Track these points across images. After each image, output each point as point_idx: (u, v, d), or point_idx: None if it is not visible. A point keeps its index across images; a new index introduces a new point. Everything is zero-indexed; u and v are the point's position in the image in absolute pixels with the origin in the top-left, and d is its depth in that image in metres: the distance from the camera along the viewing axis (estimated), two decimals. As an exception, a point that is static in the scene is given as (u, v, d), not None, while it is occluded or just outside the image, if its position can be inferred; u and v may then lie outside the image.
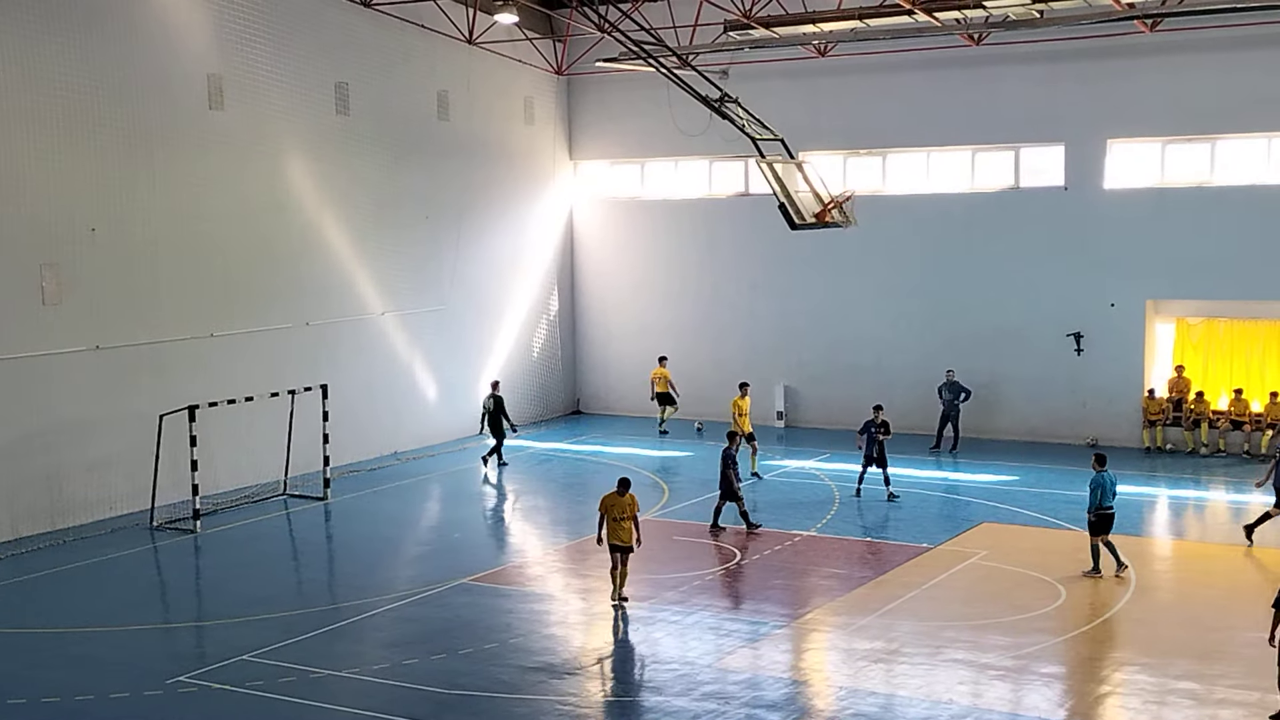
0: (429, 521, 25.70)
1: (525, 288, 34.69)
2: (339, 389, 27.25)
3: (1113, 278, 29.96)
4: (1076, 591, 19.62)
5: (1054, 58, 29.93)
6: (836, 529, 23.47)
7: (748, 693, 15.83)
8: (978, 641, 17.41)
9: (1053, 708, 15.53)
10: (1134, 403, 30.03)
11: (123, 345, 24.78)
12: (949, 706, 15.32)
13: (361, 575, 21.24)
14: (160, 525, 23.98)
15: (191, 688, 16.16)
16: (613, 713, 15.52)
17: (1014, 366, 30.90)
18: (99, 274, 24.39)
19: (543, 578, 21.26)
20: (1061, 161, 30.40)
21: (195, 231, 26.13)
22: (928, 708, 15.30)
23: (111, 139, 24.45)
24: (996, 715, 15.12)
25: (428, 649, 17.39)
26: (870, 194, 31.22)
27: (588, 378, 36.42)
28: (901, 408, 32.19)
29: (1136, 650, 17.43)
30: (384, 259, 30.34)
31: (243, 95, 26.80)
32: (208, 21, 26.17)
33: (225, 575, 21.61)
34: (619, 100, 34.85)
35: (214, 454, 25.10)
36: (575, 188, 36.15)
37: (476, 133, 32.74)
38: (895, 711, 15.25)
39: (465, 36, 31.68)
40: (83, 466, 24.13)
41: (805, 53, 31.84)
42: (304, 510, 25.57)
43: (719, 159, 33.78)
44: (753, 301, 33.99)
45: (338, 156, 29.12)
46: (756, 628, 18.28)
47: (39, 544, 22.88)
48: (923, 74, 31.27)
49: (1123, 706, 15.53)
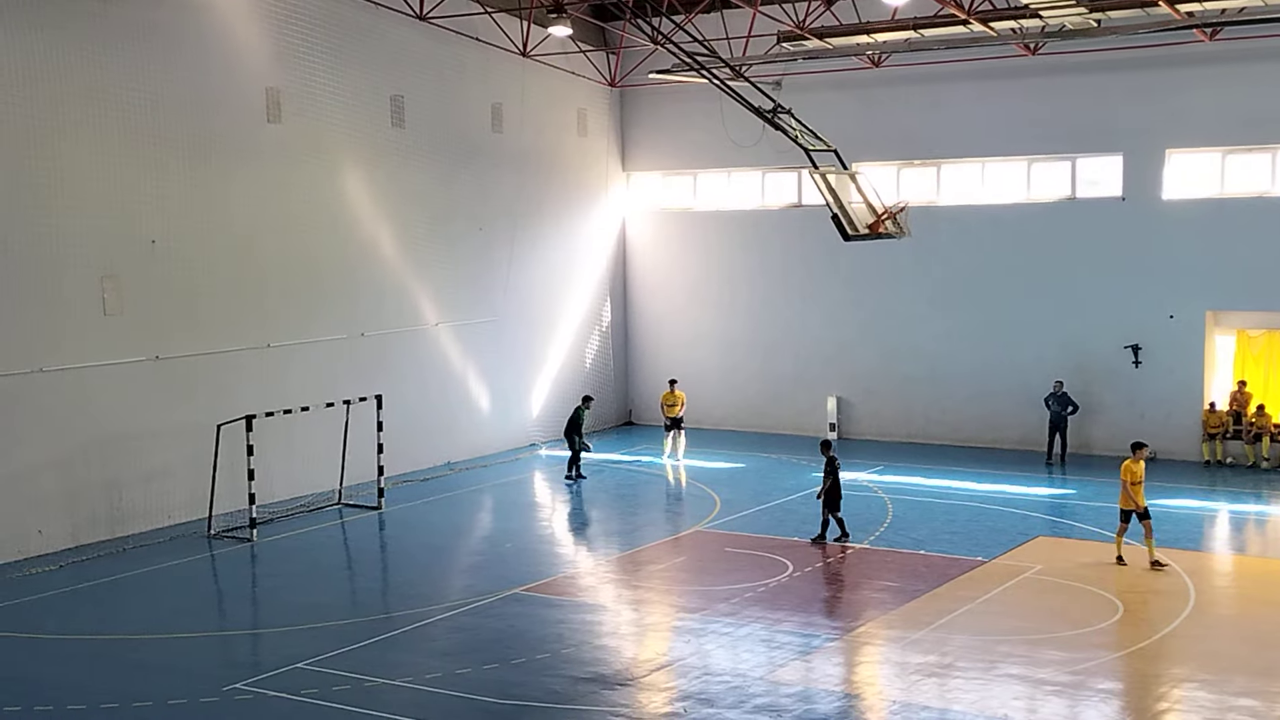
0: (482, 531, 25.80)
1: (578, 299, 34.81)
2: (393, 399, 27.44)
3: (1172, 289, 29.61)
4: (1134, 607, 19.38)
5: (1111, 67, 29.66)
6: (890, 541, 23.32)
7: (800, 706, 15.76)
8: (1033, 657, 17.23)
9: (1110, 724, 15.34)
10: (1194, 416, 29.63)
11: (182, 356, 25.09)
12: (1004, 722, 15.17)
13: (415, 585, 21.35)
14: (217, 534, 24.24)
15: (247, 695, 16.30)
16: (664, 724, 15.50)
17: (1071, 379, 30.56)
18: (159, 285, 24.72)
19: (595, 588, 21.28)
20: (1119, 172, 30.10)
21: (253, 243, 26.42)
22: (982, 723, 15.16)
23: (171, 152, 24.78)
24: (1052, 731, 14.96)
25: (480, 659, 17.45)
26: (924, 205, 31.08)
27: (640, 389, 36.45)
28: (955, 421, 32.08)
29: (1195, 666, 17.17)
30: (438, 270, 30.55)
31: (300, 108, 27.10)
32: (266, 36, 26.49)
33: (281, 584, 21.80)
34: (672, 112, 34.91)
35: (270, 464, 25.36)
36: (628, 199, 36.24)
37: (530, 145, 32.91)
38: (949, 726, 15.12)
39: (519, 49, 31.86)
40: (142, 475, 24.44)
41: (859, 63, 31.76)
42: (358, 520, 25.76)
43: (772, 170, 33.74)
44: (805, 313, 33.90)
45: (393, 169, 29.37)
46: (809, 640, 18.20)
47: (98, 552, 23.19)
48: (977, 84, 31.09)
49: (1181, 724, 15.32)
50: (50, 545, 23.03)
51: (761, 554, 22.65)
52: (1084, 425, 30.54)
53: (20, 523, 22.70)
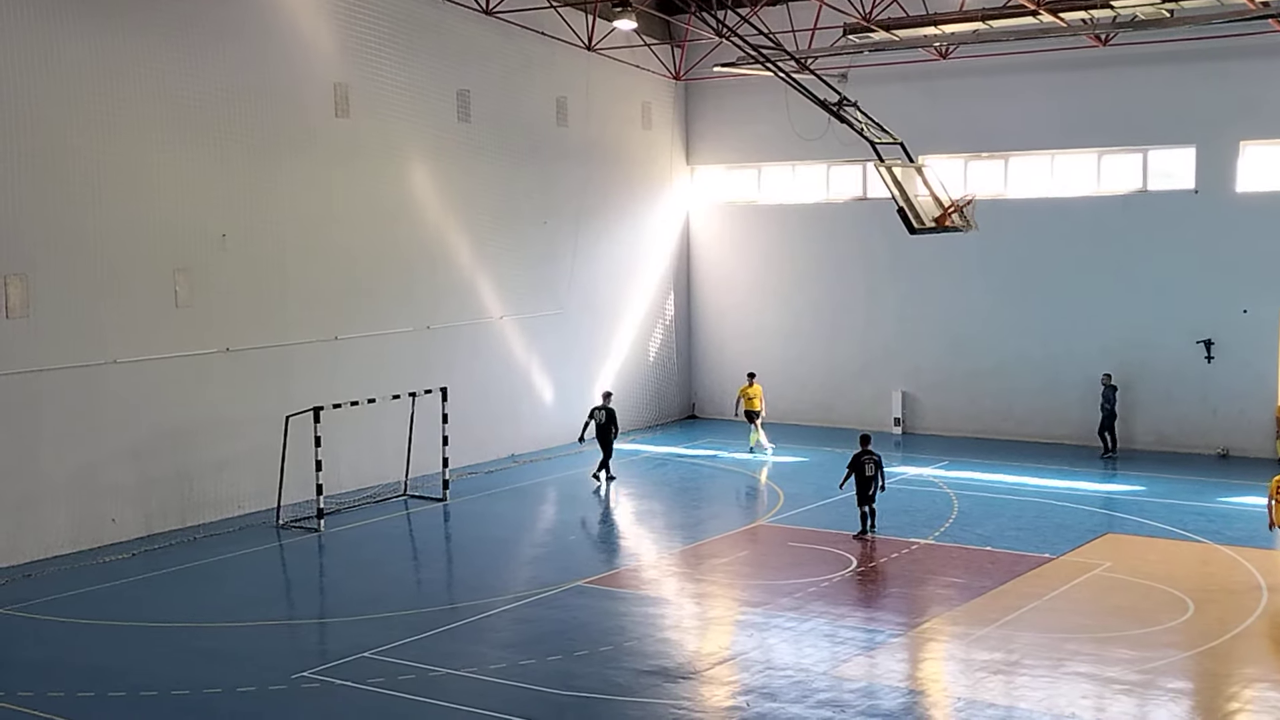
0: (545, 524, 25.92)
1: (642, 292, 34.83)
2: (458, 392, 27.62)
3: (1245, 283, 29.11)
4: (1205, 606, 19.08)
5: (1184, 58, 29.19)
6: (955, 537, 23.15)
7: (864, 701, 15.69)
8: (1101, 655, 17.03)
9: (1179, 724, 15.14)
10: (1268, 411, 29.10)
11: (251, 348, 25.41)
12: (1071, 720, 15.02)
13: (479, 576, 21.50)
14: (285, 524, 24.54)
15: (315, 683, 16.50)
16: (727, 718, 15.49)
17: (1142, 374, 30.18)
18: (229, 278, 25.05)
19: (657, 581, 21.31)
20: (1192, 164, 29.63)
21: (320, 237, 26.71)
22: (1049, 721, 15.02)
23: (241, 147, 25.09)
24: (1120, 731, 14.78)
25: (544, 650, 17.54)
26: (991, 198, 30.76)
27: (703, 381, 36.42)
28: (1022, 415, 31.75)
29: (1268, 667, 16.90)
30: (503, 263, 30.70)
31: (367, 103, 27.33)
32: (334, 31, 26.75)
33: (347, 573, 22.04)
34: (736, 105, 34.81)
35: (338, 455, 25.64)
36: (692, 192, 36.20)
37: (595, 138, 32.97)
38: (1015, 724, 14.99)
39: (584, 43, 31.92)
40: (212, 465, 24.80)
41: (926, 55, 31.48)
42: (423, 511, 25.97)
43: (836, 163, 33.54)
44: (870, 306, 33.70)
45: (459, 162, 29.54)
46: (873, 636, 18.11)
47: (170, 541, 23.56)
48: (1046, 76, 30.71)
49: (1253, 725, 15.08)
50: (123, 534, 23.44)
51: (825, 549, 22.57)
52: (1156, 421, 30.12)
53: (95, 511, 23.12)
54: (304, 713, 15.76)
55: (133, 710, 15.75)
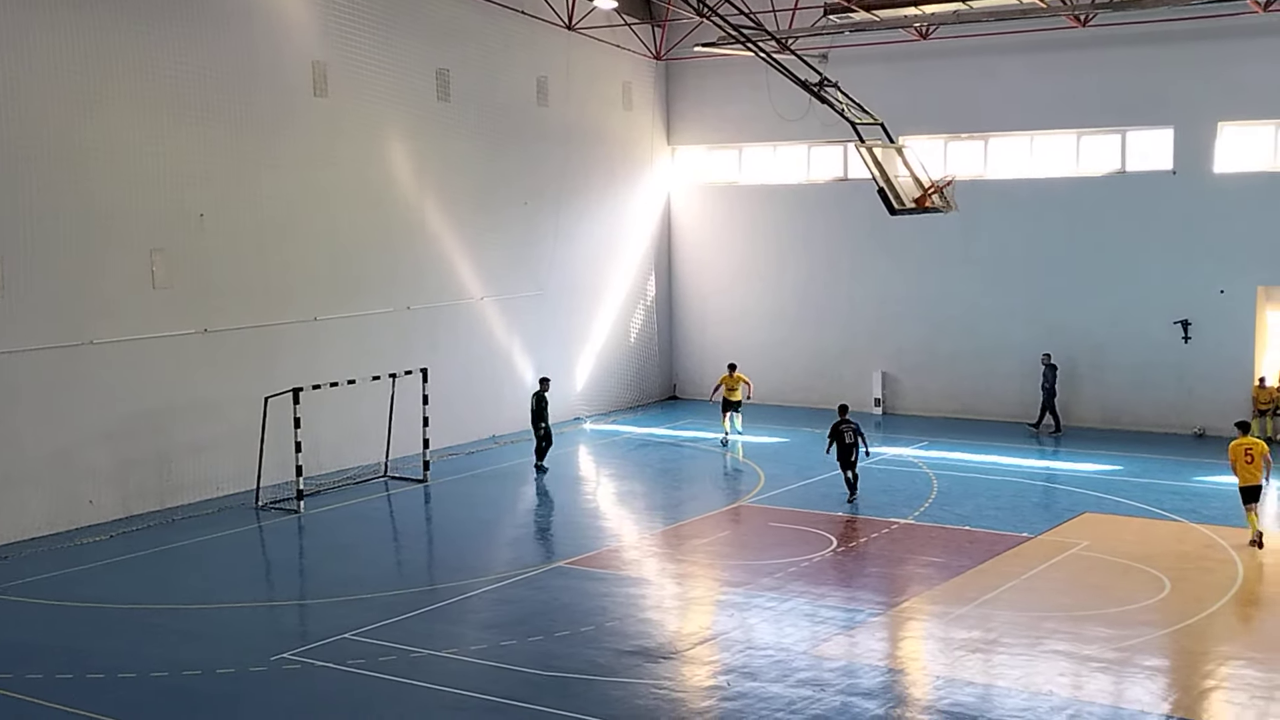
0: (526, 505, 25.92)
1: (622, 273, 34.80)
2: (438, 373, 27.56)
3: (1222, 264, 29.25)
4: (1181, 584, 19.21)
5: (1162, 39, 29.24)
6: (934, 517, 23.24)
7: (843, 680, 15.76)
8: (1079, 633, 17.14)
9: (1156, 701, 15.23)
10: (1243, 391, 29.27)
11: (229, 329, 25.31)
12: (1049, 698, 15.10)
13: (460, 557, 21.51)
14: (265, 505, 24.48)
15: (295, 664, 16.49)
16: (708, 697, 15.55)
17: (1119, 354, 30.31)
18: (207, 259, 24.92)
19: (639, 562, 21.35)
20: (1170, 145, 29.71)
21: (299, 217, 26.58)
22: (1027, 699, 15.10)
23: (218, 126, 24.94)
24: (1098, 708, 14.88)
25: (525, 631, 17.56)
26: (971, 179, 30.81)
27: (684, 363, 36.43)
28: (1001, 395, 31.87)
29: (1243, 645, 17.03)
30: (483, 244, 30.61)
31: (346, 82, 27.19)
32: (313, 9, 26.58)
33: (327, 555, 22.01)
34: (717, 85, 34.75)
35: (317, 436, 25.56)
36: (673, 173, 36.15)
37: (575, 118, 32.87)
38: (993, 702, 15.07)
39: (565, 22, 31.80)
40: (191, 447, 24.71)
41: (906, 36, 31.46)
42: (404, 492, 25.95)
43: (817, 144, 33.53)
44: (851, 288, 33.73)
45: (438, 142, 29.42)
46: (853, 615, 18.19)
47: (148, 522, 23.48)
48: (1026, 56, 30.73)
49: (1228, 701, 15.19)
50: (101, 516, 23.35)
51: (806, 529, 22.64)
52: (1133, 400, 30.28)
53: (72, 493, 23.03)
54: (284, 694, 15.75)
55: (111, 692, 15.71)
